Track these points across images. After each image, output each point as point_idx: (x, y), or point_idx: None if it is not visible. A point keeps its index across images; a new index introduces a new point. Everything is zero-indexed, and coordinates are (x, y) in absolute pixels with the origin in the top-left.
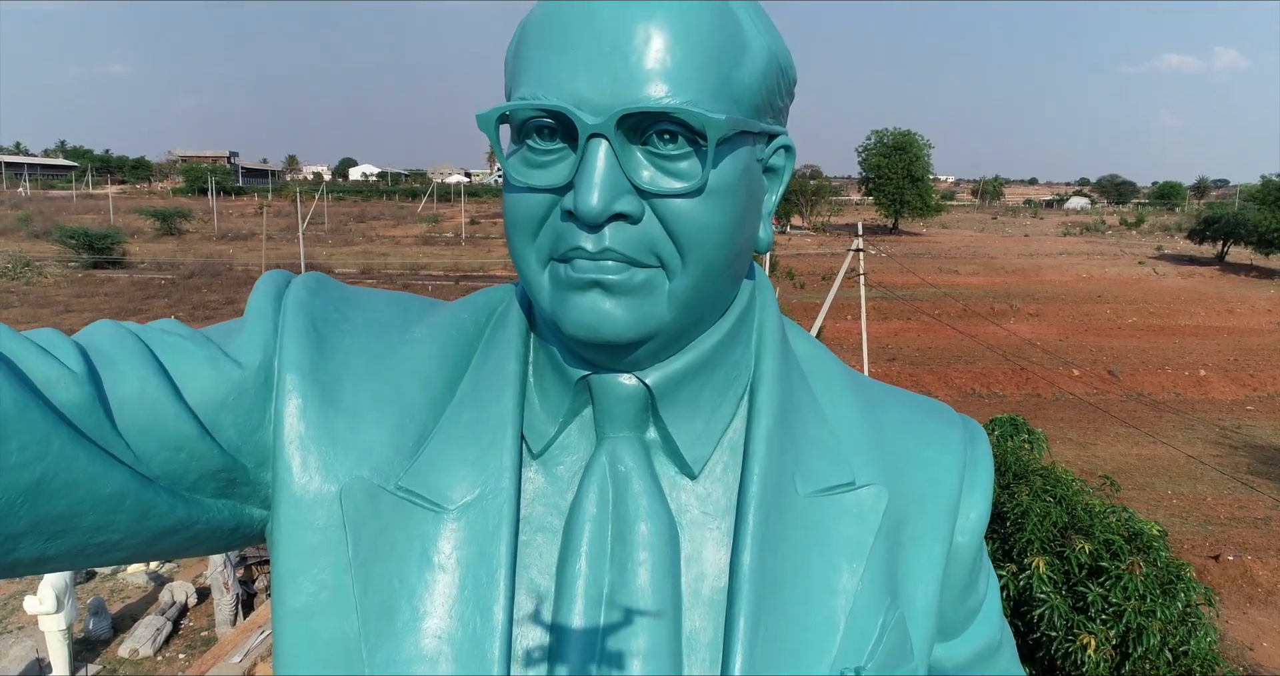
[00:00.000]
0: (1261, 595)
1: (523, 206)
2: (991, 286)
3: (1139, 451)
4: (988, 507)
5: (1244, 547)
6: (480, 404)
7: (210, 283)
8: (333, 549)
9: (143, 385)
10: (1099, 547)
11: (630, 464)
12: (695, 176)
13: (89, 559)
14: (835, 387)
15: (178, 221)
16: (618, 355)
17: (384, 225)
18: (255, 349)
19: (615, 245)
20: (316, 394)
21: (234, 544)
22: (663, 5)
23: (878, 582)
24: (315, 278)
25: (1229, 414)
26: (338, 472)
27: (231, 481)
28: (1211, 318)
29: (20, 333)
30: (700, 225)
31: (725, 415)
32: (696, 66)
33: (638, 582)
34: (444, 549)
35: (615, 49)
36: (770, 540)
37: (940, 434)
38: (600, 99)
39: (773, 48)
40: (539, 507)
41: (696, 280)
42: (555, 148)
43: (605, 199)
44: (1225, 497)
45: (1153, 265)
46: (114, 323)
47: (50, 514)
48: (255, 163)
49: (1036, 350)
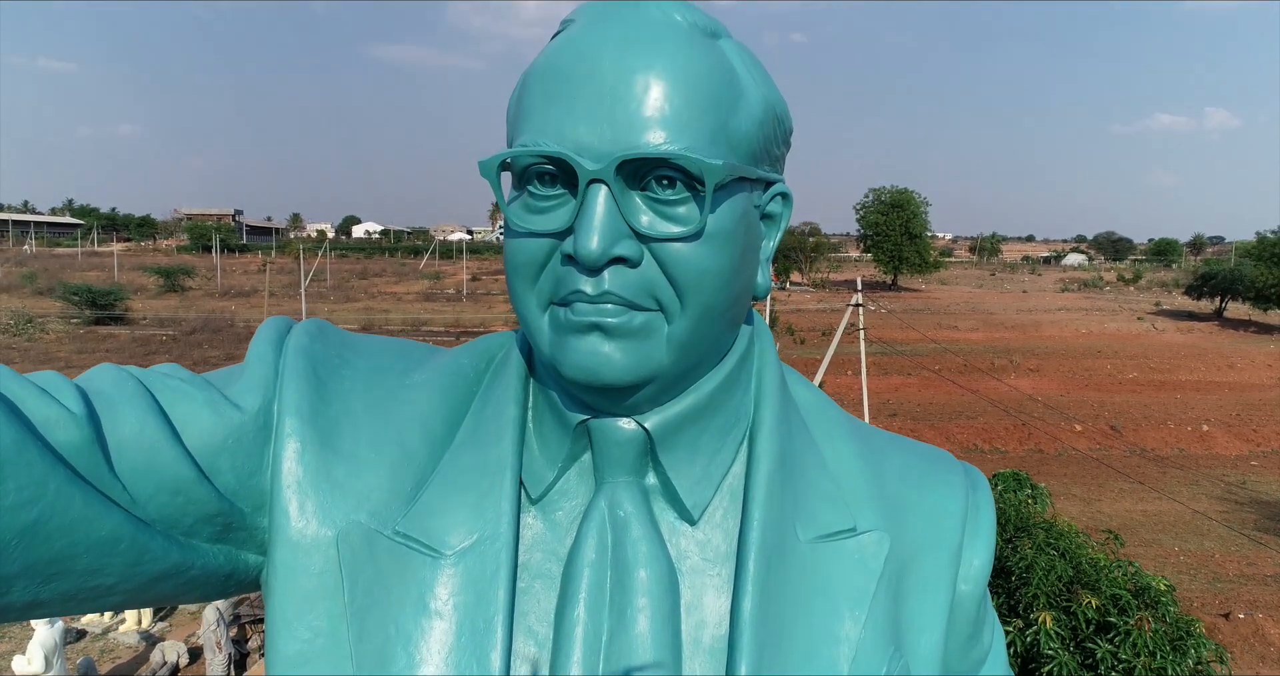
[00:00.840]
0: (1274, 654)
1: (523, 251)
2: (991, 342)
3: (1144, 507)
4: (990, 555)
5: (1254, 605)
6: (479, 448)
7: (211, 338)
8: (328, 594)
9: (141, 427)
10: (1106, 602)
11: (629, 509)
12: (693, 221)
13: (81, 604)
14: (835, 433)
15: (181, 278)
16: (617, 399)
17: (386, 282)
18: (255, 393)
19: (614, 288)
20: (315, 438)
21: (229, 590)
22: (661, 54)
23: (881, 631)
24: (316, 324)
25: (1233, 469)
26: (335, 517)
27: (228, 526)
28: (1212, 373)
29: (21, 374)
30: (699, 269)
31: (725, 460)
32: (694, 114)
33: (637, 629)
34: (441, 595)
35: (615, 97)
36: (771, 587)
37: (942, 481)
38: (600, 145)
39: (769, 97)
40: (537, 554)
41: (695, 323)
42: (555, 193)
43: (605, 243)
44: (1233, 554)
45: (1151, 320)
46: (115, 366)
47: (45, 556)
48: (260, 220)
49: (1038, 405)
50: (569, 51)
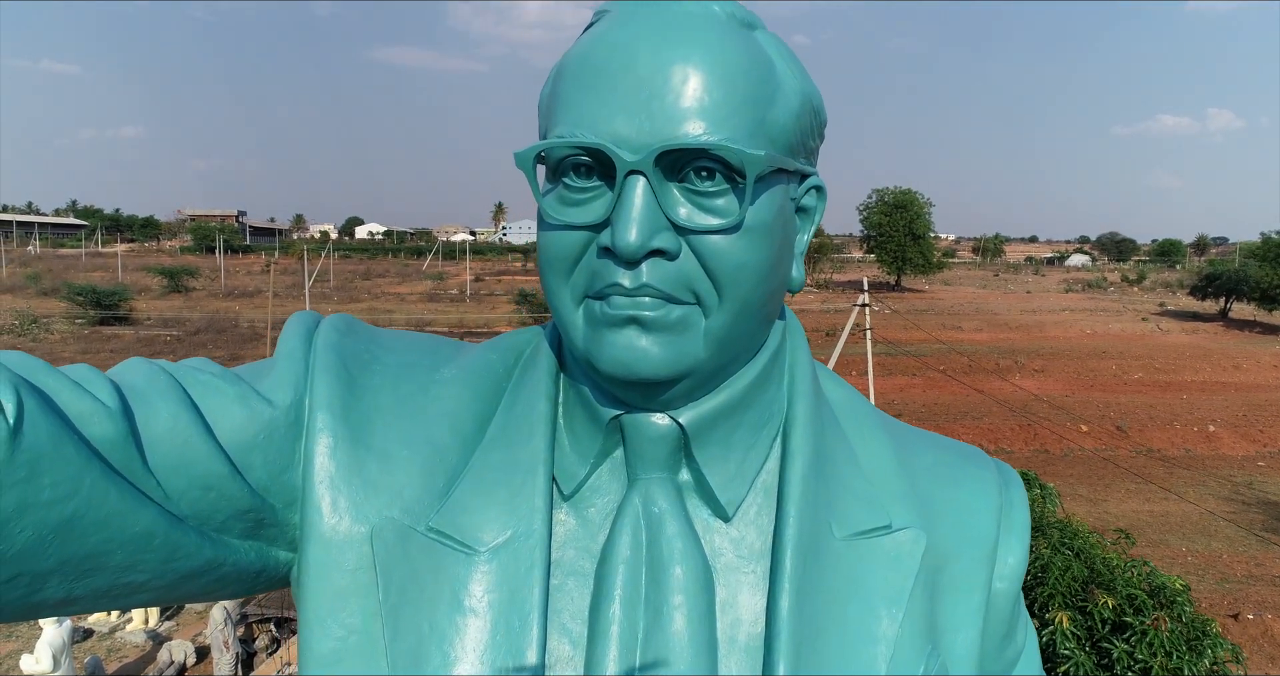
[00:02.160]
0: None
1: (558, 244)
2: (996, 342)
3: (1151, 507)
4: (1025, 552)
5: (1263, 606)
6: (510, 445)
7: (216, 339)
8: (362, 592)
9: (175, 422)
10: (1122, 602)
11: (664, 505)
12: (732, 213)
13: (114, 600)
14: (867, 430)
15: (185, 279)
16: (652, 394)
17: (389, 282)
18: (286, 388)
19: (652, 281)
20: (347, 434)
21: (258, 588)
22: (699, 45)
23: (918, 630)
24: (344, 319)
25: (1240, 470)
26: (368, 513)
27: (259, 522)
28: (1218, 373)
29: (55, 367)
30: (737, 262)
31: (758, 457)
32: (734, 105)
33: (673, 628)
34: (475, 592)
35: (652, 88)
36: (808, 585)
37: (975, 477)
38: (638, 137)
39: (805, 89)
40: (570, 551)
41: (733, 317)
42: (591, 186)
43: (643, 235)
44: (1241, 555)
45: (1156, 321)
46: (146, 360)
47: (80, 552)
48: (263, 222)
49: (1043, 405)
50: (605, 43)
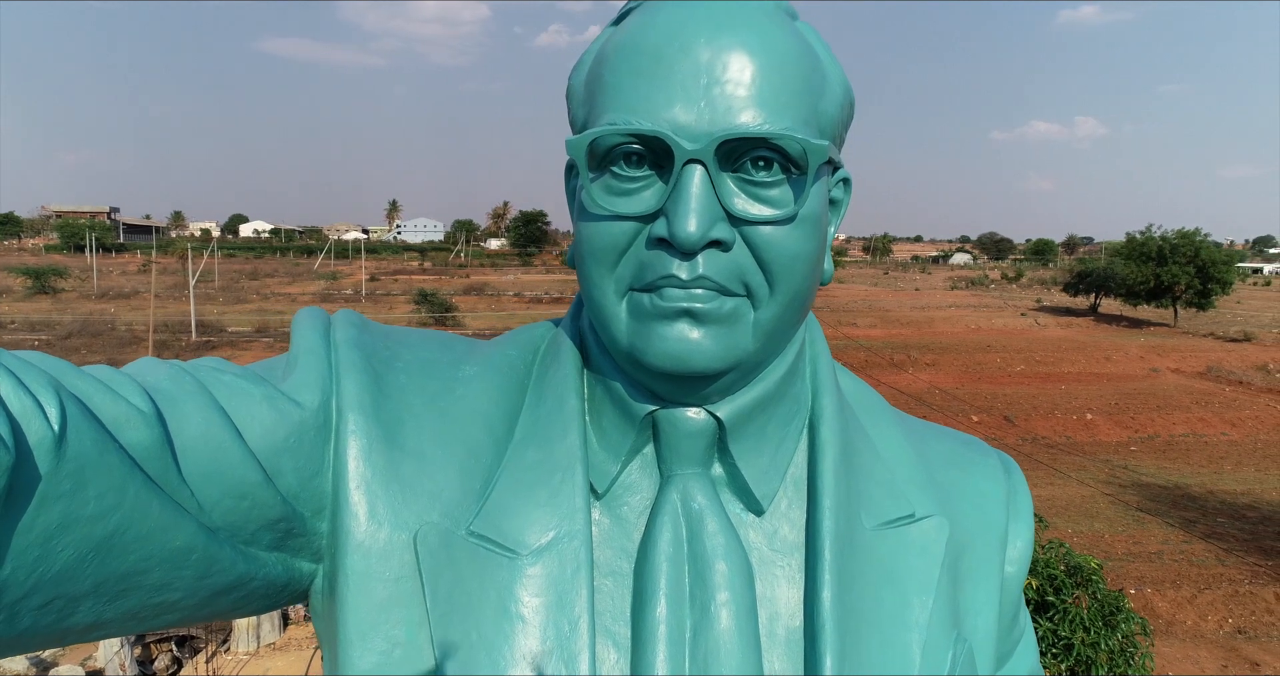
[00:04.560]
0: (1163, 626)
1: (605, 235)
2: (889, 338)
3: (1039, 492)
4: (1031, 537)
5: (1143, 581)
6: (544, 443)
7: (91, 343)
8: (405, 602)
9: (207, 427)
10: (1044, 583)
11: (703, 501)
12: (788, 204)
13: (142, 622)
14: (882, 421)
15: (52, 279)
16: (696, 388)
17: (279, 282)
18: (313, 388)
19: (709, 273)
20: (381, 435)
21: (281, 602)
22: (755, 34)
23: (945, 616)
24: (354, 314)
25: (1115, 455)
26: (408, 519)
27: (288, 532)
28: (1092, 365)
29: (80, 368)
30: (791, 253)
31: (789, 450)
32: (791, 95)
33: (720, 626)
34: (522, 597)
35: (710, 76)
36: (846, 576)
37: (981, 464)
38: (697, 125)
39: (845, 82)
40: (607, 550)
41: (782, 309)
42: (642, 175)
43: (703, 226)
44: (1120, 534)
45: (1034, 317)
46: (160, 360)
47: (118, 571)
48: (138, 219)
49: (938, 396)
50: (658, 29)
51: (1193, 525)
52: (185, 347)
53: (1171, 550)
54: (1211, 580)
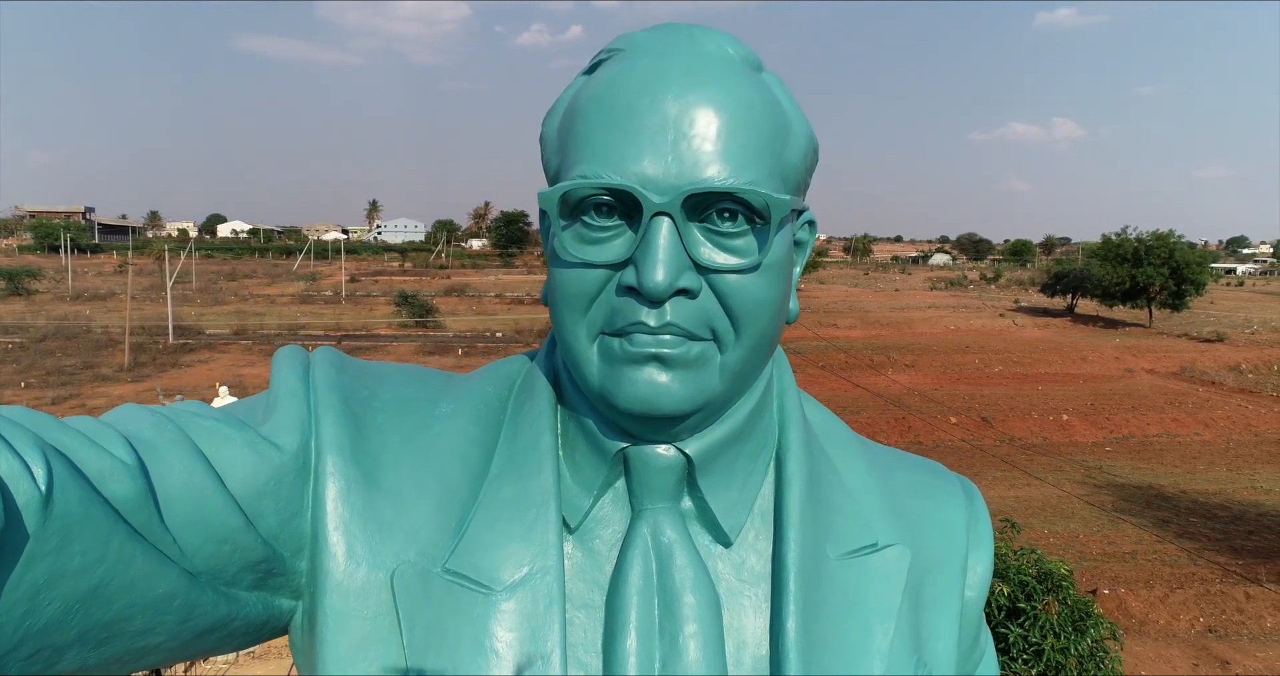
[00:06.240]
0: (1136, 625)
1: (576, 281)
2: (869, 339)
3: (1015, 493)
4: (991, 563)
5: (1117, 581)
6: (519, 479)
7: (65, 346)
8: (383, 639)
9: (190, 476)
10: (1015, 589)
11: (672, 535)
12: (753, 253)
13: (124, 666)
14: (848, 452)
15: (26, 281)
16: (665, 427)
17: (257, 283)
18: (292, 431)
19: (676, 320)
20: (359, 476)
21: (260, 639)
22: (722, 89)
23: (906, 641)
24: (334, 353)
25: (1091, 455)
26: (385, 558)
27: (269, 572)
28: (1068, 365)
29: (61, 421)
30: (756, 300)
31: (756, 483)
32: (756, 149)
33: (689, 657)
34: (496, 632)
35: (678, 131)
36: (810, 605)
37: (944, 492)
38: (665, 179)
39: (808, 130)
40: (579, 583)
41: (748, 352)
42: (612, 224)
43: (670, 275)
44: (1095, 534)
45: (1012, 317)
46: (141, 407)
47: (102, 619)
48: (114, 219)
49: (916, 399)
50: (628, 83)
51: (1166, 525)
52: (162, 351)
53: (1145, 550)
54: (1183, 579)
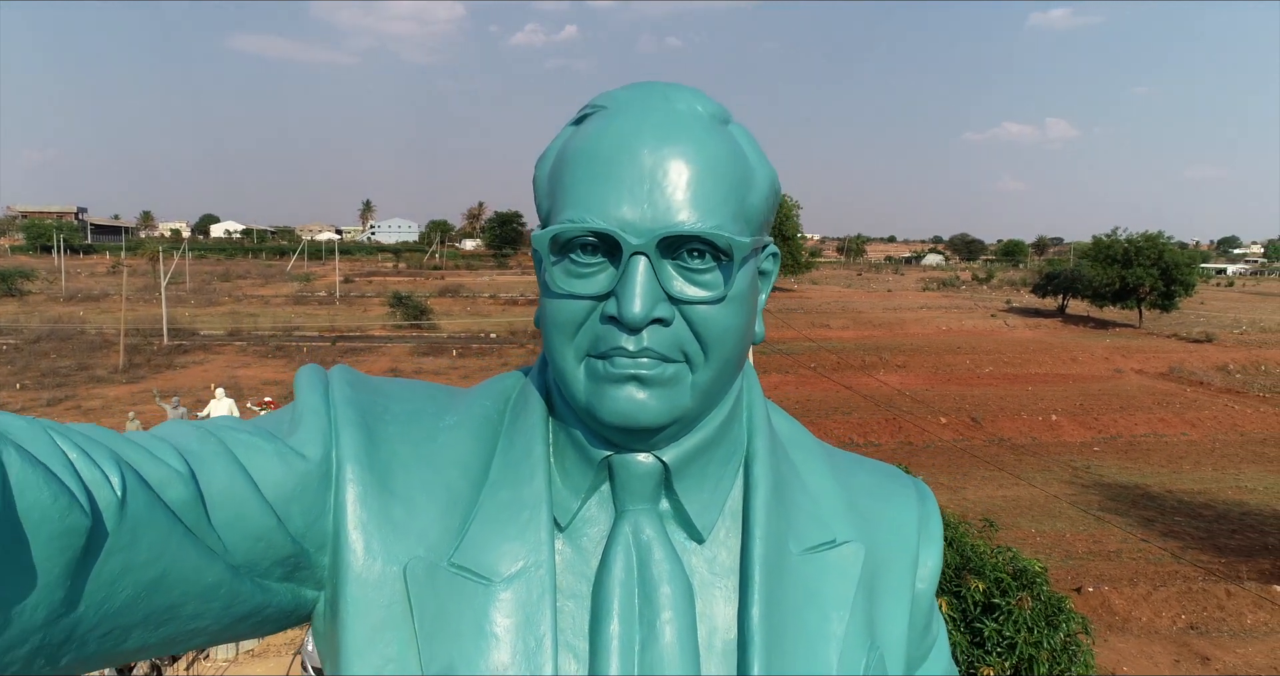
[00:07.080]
0: (1119, 623)
1: (565, 311)
2: (861, 339)
3: (1004, 493)
4: (940, 557)
5: (1101, 579)
6: (514, 486)
7: (60, 347)
8: (396, 624)
9: (231, 482)
10: (990, 586)
11: (651, 533)
12: (719, 286)
13: (176, 645)
14: (811, 458)
15: (19, 281)
16: (644, 438)
17: (251, 284)
18: (316, 443)
19: (652, 345)
20: (374, 482)
21: (288, 624)
22: (691, 143)
23: (860, 629)
24: (349, 372)
25: (1079, 455)
26: (398, 553)
27: (297, 566)
28: (1058, 366)
29: (122, 435)
30: (723, 327)
31: (727, 486)
32: (722, 196)
33: (665, 640)
34: (495, 619)
35: (653, 181)
36: (773, 596)
37: (899, 494)
38: (641, 223)
39: (770, 174)
40: (568, 576)
41: (717, 373)
42: (596, 262)
43: (647, 307)
44: (1081, 533)
45: (1003, 318)
46: (188, 423)
47: (163, 604)
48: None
49: (906, 400)
50: (610, 137)
51: (1151, 524)
52: (157, 352)
53: (1130, 549)
54: (1167, 577)
